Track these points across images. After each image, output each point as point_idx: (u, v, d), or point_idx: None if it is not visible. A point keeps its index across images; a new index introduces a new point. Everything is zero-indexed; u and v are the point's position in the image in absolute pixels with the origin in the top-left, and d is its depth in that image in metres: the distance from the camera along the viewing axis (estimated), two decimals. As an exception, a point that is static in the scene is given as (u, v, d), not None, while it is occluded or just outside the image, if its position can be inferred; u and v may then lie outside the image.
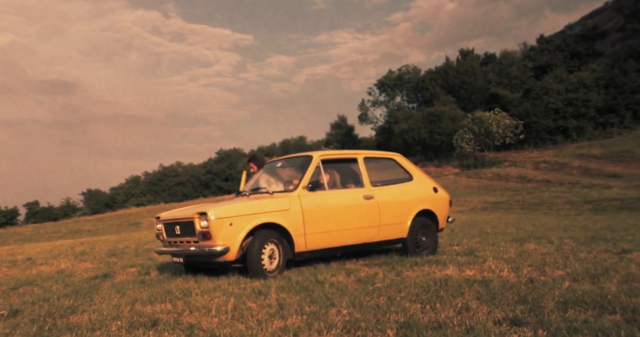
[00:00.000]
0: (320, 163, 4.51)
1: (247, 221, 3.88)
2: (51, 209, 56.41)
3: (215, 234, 3.75)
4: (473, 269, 4.06)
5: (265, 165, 5.38)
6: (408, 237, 4.92)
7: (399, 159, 5.26)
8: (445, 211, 5.37)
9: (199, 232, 3.82)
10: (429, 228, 5.13)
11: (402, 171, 5.20)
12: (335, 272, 4.19)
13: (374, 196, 4.69)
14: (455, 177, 32.84)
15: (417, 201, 5.03)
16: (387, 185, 4.92)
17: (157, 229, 4.49)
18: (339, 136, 53.57)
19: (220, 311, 2.82)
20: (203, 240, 3.82)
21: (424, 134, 37.26)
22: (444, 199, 5.37)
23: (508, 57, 43.52)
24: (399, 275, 3.91)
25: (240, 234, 3.82)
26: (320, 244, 4.31)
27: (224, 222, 3.77)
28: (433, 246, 5.15)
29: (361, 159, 4.84)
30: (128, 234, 17.36)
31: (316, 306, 2.88)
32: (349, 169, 4.95)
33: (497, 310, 2.53)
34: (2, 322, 2.90)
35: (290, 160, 5.02)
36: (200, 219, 3.82)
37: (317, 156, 4.54)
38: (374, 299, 2.98)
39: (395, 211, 4.82)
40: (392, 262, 4.79)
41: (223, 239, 3.78)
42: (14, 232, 32.30)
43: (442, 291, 3.09)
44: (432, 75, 45.20)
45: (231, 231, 3.79)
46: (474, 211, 20.15)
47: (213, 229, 3.74)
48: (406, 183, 5.10)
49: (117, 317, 2.79)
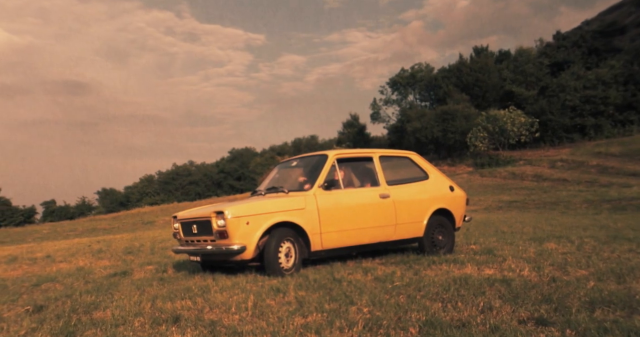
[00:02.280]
0: (335, 162, 4.50)
1: (263, 220, 3.89)
2: (67, 208, 57.40)
3: (232, 233, 3.76)
4: (492, 268, 4.00)
5: (279, 164, 5.37)
6: (424, 236, 4.88)
7: (414, 157, 5.22)
8: (462, 209, 5.32)
9: (215, 231, 3.84)
10: (446, 227, 5.07)
11: (417, 169, 5.15)
12: (352, 270, 4.17)
13: (390, 194, 4.66)
14: (469, 176, 32.50)
15: (433, 199, 4.98)
16: (403, 184, 4.89)
17: (174, 228, 4.50)
18: (351, 135, 53.44)
19: (240, 308, 2.83)
20: (220, 239, 3.84)
21: (437, 132, 36.93)
22: (461, 197, 5.31)
23: (523, 54, 42.84)
24: (417, 274, 3.88)
25: (256, 233, 3.83)
26: (336, 243, 4.30)
27: (241, 221, 3.78)
28: (450, 245, 5.09)
29: (377, 157, 4.82)
30: (143, 232, 17.59)
31: (336, 303, 2.87)
32: (364, 168, 4.92)
33: (521, 309, 2.48)
34: (28, 317, 2.96)
35: (305, 159, 5.00)
36: (217, 218, 3.83)
37: (332, 155, 4.52)
38: (394, 298, 2.96)
39: (412, 210, 4.79)
40: (409, 261, 4.75)
41: (240, 238, 3.79)
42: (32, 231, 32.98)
43: (462, 290, 3.05)
44: (445, 73, 44.78)
45: (248, 230, 3.81)
46: (489, 210, 19.91)
47: (230, 228, 3.75)
48: (422, 182, 5.06)
49: (139, 314, 2.81)
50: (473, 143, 34.50)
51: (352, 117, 57.32)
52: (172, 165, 65.07)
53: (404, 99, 51.32)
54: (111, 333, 2.42)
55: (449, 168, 37.30)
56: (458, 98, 39.14)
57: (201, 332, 2.40)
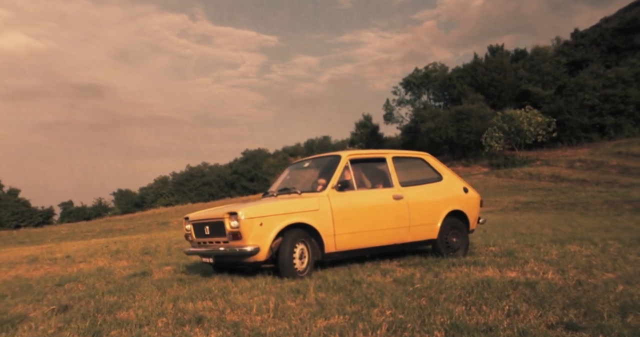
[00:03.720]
0: (349, 163, 4.45)
1: (277, 221, 3.84)
2: (84, 209, 58.41)
3: (246, 234, 3.72)
4: (514, 271, 3.93)
5: (291, 166, 5.31)
6: (438, 238, 4.81)
7: (428, 158, 5.15)
8: (476, 211, 5.24)
9: (229, 232, 3.79)
10: (460, 229, 5.00)
11: (431, 170, 5.09)
12: (370, 272, 4.15)
13: (403, 196, 4.61)
14: (484, 177, 32.09)
15: (447, 201, 4.92)
16: (416, 185, 4.83)
17: (186, 230, 4.46)
18: (363, 136, 53.29)
19: (261, 310, 2.83)
20: (233, 240, 3.80)
21: (451, 132, 36.58)
22: (475, 199, 5.23)
23: (540, 53, 42.15)
24: (437, 276, 3.83)
25: (270, 234, 3.79)
26: (350, 244, 4.25)
27: (255, 222, 3.75)
28: (464, 247, 5.01)
29: (390, 158, 4.77)
30: (158, 233, 17.79)
31: (357, 306, 2.84)
32: (377, 169, 4.87)
33: (549, 313, 2.43)
34: (54, 316, 3.01)
35: (317, 160, 4.96)
36: (230, 219, 3.79)
37: (345, 156, 4.47)
38: (416, 300, 2.92)
39: (425, 212, 4.73)
40: (427, 263, 4.70)
41: (253, 239, 3.75)
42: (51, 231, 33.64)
43: (485, 293, 3.00)
44: (459, 73, 44.32)
45: (261, 231, 3.77)
46: (505, 211, 19.62)
47: (243, 229, 3.71)
48: (436, 183, 4.99)
49: (161, 314, 2.84)
50: (488, 143, 34.07)
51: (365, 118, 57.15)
52: (186, 167, 65.76)
53: (418, 99, 50.97)
54: (136, 333, 2.44)
55: (464, 168, 36.89)
56: (473, 98, 38.72)
57: (225, 334, 2.40)
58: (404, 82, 50.43)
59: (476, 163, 36.92)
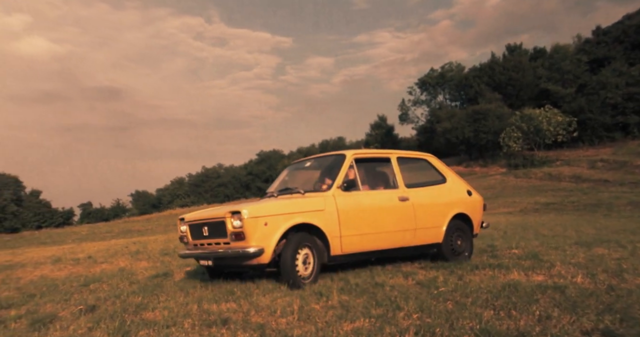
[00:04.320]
0: (353, 162, 4.28)
1: (282, 221, 3.63)
2: (103, 210, 59.51)
3: (249, 234, 3.50)
4: (541, 274, 3.85)
5: (290, 166, 5.12)
6: (444, 242, 4.68)
7: (431, 159, 5.03)
8: (480, 215, 5.11)
9: (231, 233, 3.57)
10: (465, 232, 4.88)
11: (435, 172, 4.96)
12: (392, 274, 4.11)
13: (409, 197, 4.46)
14: (502, 177, 31.58)
15: (451, 204, 4.79)
16: (421, 187, 4.70)
17: (181, 231, 4.22)
18: (378, 136, 53.09)
19: (285, 312, 2.82)
20: (236, 241, 3.56)
21: (468, 132, 36.12)
22: (478, 202, 5.10)
23: (560, 51, 41.30)
24: (461, 279, 3.77)
25: (275, 235, 3.57)
26: (356, 247, 4.07)
27: (259, 221, 3.53)
28: (469, 251, 4.88)
29: (394, 158, 4.62)
30: (175, 233, 17.98)
31: (382, 309, 2.81)
32: (382, 169, 4.76)
33: (583, 319, 2.35)
34: (82, 316, 3.06)
35: (320, 159, 4.77)
36: (233, 218, 3.57)
37: (350, 155, 4.31)
38: (442, 304, 2.87)
39: (431, 214, 4.59)
40: (449, 265, 4.62)
41: (257, 240, 3.52)
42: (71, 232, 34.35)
43: (513, 297, 2.93)
44: (476, 72, 43.80)
45: (266, 231, 3.55)
46: (525, 212, 19.26)
47: (247, 229, 3.49)
48: (440, 185, 4.87)
49: (186, 315, 2.85)
50: (506, 143, 33.53)
51: (380, 119, 56.93)
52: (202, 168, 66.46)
53: (434, 99, 50.57)
54: (164, 334, 2.46)
55: (481, 169, 36.38)
56: (490, 97, 38.19)
57: (251, 336, 2.40)
58: (420, 82, 50.09)
59: (494, 163, 36.38)
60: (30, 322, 2.99)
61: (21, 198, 49.79)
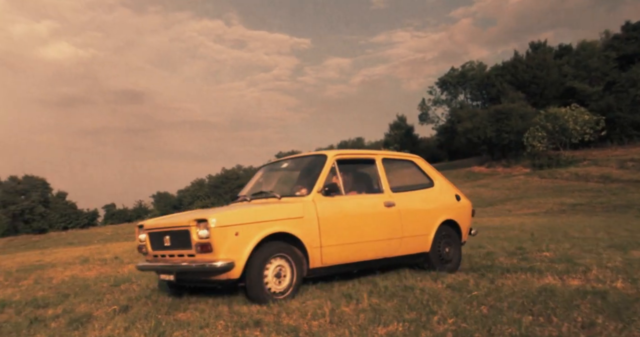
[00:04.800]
0: (335, 163, 3.88)
1: (256, 230, 3.21)
2: (126, 211, 60.70)
3: (217, 246, 3.07)
4: (576, 279, 3.72)
5: (266, 166, 4.66)
6: (431, 251, 4.34)
7: (418, 161, 4.70)
8: (468, 221, 4.80)
9: (196, 244, 3.13)
10: (453, 239, 4.57)
11: (422, 175, 4.63)
12: (420, 277, 4.05)
13: (395, 203, 4.10)
14: (526, 178, 30.89)
15: (440, 209, 4.46)
16: (407, 191, 4.37)
17: (140, 241, 3.73)
18: (398, 137, 52.71)
19: (317, 315, 2.80)
20: (201, 253, 3.13)
21: (490, 132, 35.45)
22: (467, 208, 4.78)
23: (587, 48, 40.10)
24: (492, 283, 3.68)
25: (247, 246, 3.15)
26: (338, 258, 3.68)
27: (228, 231, 3.10)
28: (457, 259, 4.58)
29: (379, 160, 4.26)
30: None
31: (414, 313, 2.76)
32: (366, 172, 4.44)
33: (631, 327, 2.26)
34: (117, 316, 3.12)
35: (299, 160, 4.38)
36: (198, 227, 3.13)
37: (332, 155, 3.92)
38: (476, 308, 2.81)
39: (418, 221, 4.25)
40: (478, 268, 4.53)
41: (226, 252, 3.09)
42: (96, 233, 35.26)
43: (551, 302, 2.84)
44: (498, 71, 42.97)
45: (237, 242, 3.12)
46: (550, 214, 18.78)
47: (214, 240, 3.06)
48: (427, 189, 4.54)
49: (218, 316, 2.87)
50: (530, 143, 32.76)
51: (399, 119, 56.52)
52: (222, 170, 67.17)
53: (454, 98, 49.91)
54: (198, 335, 2.48)
55: (504, 169, 35.67)
56: (513, 96, 37.40)
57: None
58: (440, 81, 49.51)
59: (517, 163, 35.62)
60: (68, 322, 3.05)
61: (48, 200, 51.27)
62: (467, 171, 37.83)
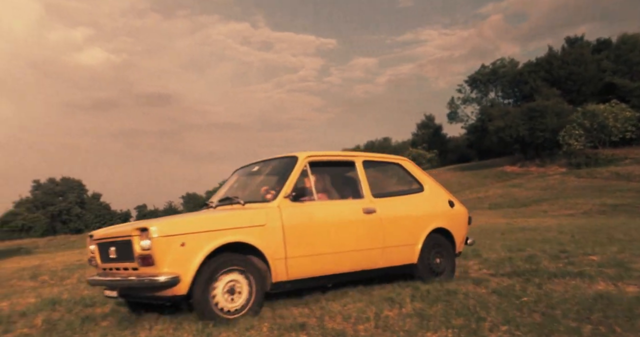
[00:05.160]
0: (308, 166, 3.56)
1: (207, 240, 2.89)
2: (157, 212, 62.25)
3: (160, 258, 2.76)
4: (631, 285, 3.54)
5: (239, 170, 4.33)
6: (419, 262, 3.98)
7: (406, 164, 4.35)
8: (464, 230, 4.42)
9: (138, 255, 2.83)
10: (445, 247, 4.21)
11: (410, 179, 4.30)
12: (462, 281, 3.94)
13: (376, 209, 3.74)
14: (562, 177, 29.80)
15: (429, 217, 4.12)
16: (392, 196, 4.06)
17: (91, 252, 3.42)
18: (425, 136, 51.94)
19: (361, 319, 2.76)
20: (143, 266, 2.83)
21: (523, 131, 34.41)
22: (462, 215, 4.42)
23: (627, 41, 38.31)
24: (540, 288, 3.53)
25: (195, 259, 2.83)
26: (307, 271, 3.33)
27: (173, 241, 2.79)
28: (449, 269, 4.20)
29: (360, 162, 3.93)
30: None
31: (462, 319, 2.68)
32: (344, 175, 4.12)
33: None
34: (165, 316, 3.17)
35: (269, 162, 4.02)
36: (140, 238, 2.83)
37: (303, 157, 3.58)
38: (529, 316, 2.69)
39: (403, 230, 3.90)
40: (522, 272, 4.38)
41: (171, 265, 2.78)
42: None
43: (609, 311, 2.69)
44: (532, 67, 41.68)
45: (183, 254, 2.81)
46: (589, 215, 18.02)
47: (156, 251, 2.76)
48: (416, 194, 4.20)
49: (262, 318, 2.88)
50: (567, 141, 31.59)
51: (427, 118, 55.71)
52: (249, 171, 67.93)
53: (485, 96, 48.76)
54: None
55: (538, 169, 34.56)
56: (548, 93, 36.19)
57: (332, 343, 2.35)
58: (470, 79, 48.46)
59: (552, 163, 34.44)
60: (118, 321, 3.13)
61: (84, 201, 53.20)
62: (499, 171, 36.85)
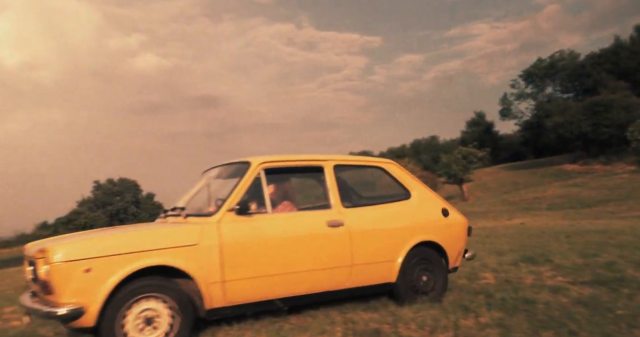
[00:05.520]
0: (262, 174, 3.12)
1: (120, 264, 2.50)
2: (208, 213, 64.74)
3: (59, 286, 2.40)
4: None
5: (205, 172, 3.86)
6: (398, 280, 3.38)
7: (390, 167, 3.74)
8: (460, 242, 3.77)
9: (40, 281, 2.50)
10: (434, 264, 3.59)
11: (394, 184, 3.73)
12: (537, 289, 3.68)
13: (344, 221, 3.23)
14: (630, 176, 27.58)
15: (414, 228, 3.53)
16: (368, 205, 3.51)
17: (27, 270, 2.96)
18: (476, 134, 50.00)
19: (437, 327, 2.63)
20: (45, 293, 2.50)
21: (585, 127, 32.23)
22: (458, 225, 3.78)
23: None
24: (631, 300, 3.22)
25: (103, 287, 2.45)
26: (251, 295, 2.88)
27: (75, 267, 2.42)
28: (439, 288, 3.57)
29: (330, 167, 3.41)
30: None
31: (552, 332, 2.48)
32: (309, 183, 3.70)
33: None
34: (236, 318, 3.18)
35: (224, 168, 3.58)
36: (43, 260, 2.46)
37: (257, 163, 3.14)
38: (628, 332, 2.44)
39: (378, 244, 3.35)
40: (606, 281, 4.01)
41: (73, 295, 2.42)
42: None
43: None
44: (595, 59, 38.97)
45: (88, 281, 2.44)
46: (664, 218, 16.50)
47: (54, 278, 2.40)
48: (400, 202, 3.62)
49: (332, 323, 2.82)
50: (636, 137, 29.16)
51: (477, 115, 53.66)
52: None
53: (541, 92, 46.14)
54: (320, 343, 2.43)
55: (603, 167, 32.27)
56: (614, 86, 33.66)
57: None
58: (524, 74, 46.06)
59: (619, 161, 32.02)
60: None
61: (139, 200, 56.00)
62: (557, 170, 34.77)
